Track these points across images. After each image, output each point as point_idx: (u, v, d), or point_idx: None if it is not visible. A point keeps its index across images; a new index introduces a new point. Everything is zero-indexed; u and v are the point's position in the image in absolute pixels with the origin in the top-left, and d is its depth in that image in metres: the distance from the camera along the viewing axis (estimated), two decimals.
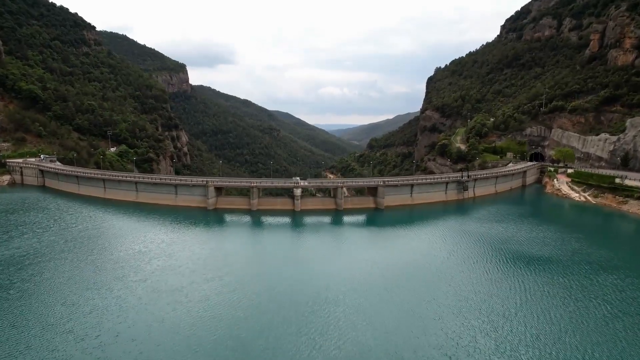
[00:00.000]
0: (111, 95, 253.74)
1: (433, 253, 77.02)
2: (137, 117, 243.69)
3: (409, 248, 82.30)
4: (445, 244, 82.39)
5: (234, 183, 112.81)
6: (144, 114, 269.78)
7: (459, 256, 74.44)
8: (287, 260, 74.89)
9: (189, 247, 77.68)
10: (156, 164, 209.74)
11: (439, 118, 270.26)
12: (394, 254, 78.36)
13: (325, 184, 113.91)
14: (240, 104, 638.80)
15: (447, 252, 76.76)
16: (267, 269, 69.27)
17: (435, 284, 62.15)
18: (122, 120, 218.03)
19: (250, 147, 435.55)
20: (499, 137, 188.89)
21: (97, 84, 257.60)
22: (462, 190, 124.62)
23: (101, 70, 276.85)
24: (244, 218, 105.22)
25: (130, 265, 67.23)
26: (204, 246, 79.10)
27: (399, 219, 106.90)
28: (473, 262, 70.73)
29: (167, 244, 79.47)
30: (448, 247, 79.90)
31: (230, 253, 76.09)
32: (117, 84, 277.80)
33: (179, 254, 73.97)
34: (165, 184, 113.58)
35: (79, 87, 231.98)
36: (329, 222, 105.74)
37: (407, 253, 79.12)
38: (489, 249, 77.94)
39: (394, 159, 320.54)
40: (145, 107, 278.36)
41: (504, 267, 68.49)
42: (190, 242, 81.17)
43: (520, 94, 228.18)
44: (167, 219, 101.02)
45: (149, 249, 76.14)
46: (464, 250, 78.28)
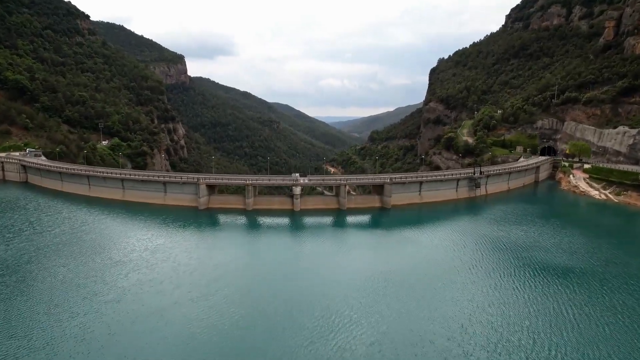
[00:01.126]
0: (105, 87, 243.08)
1: (446, 261, 67.46)
2: (132, 109, 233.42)
3: (419, 255, 72.68)
4: (459, 251, 72.72)
5: (228, 180, 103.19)
6: (139, 105, 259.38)
7: (475, 266, 64.92)
8: (284, 272, 65.54)
9: (174, 257, 68.06)
10: (150, 158, 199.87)
11: (443, 110, 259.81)
12: (403, 262, 68.89)
13: (327, 181, 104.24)
14: (239, 96, 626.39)
15: (462, 260, 67.19)
16: (262, 284, 59.70)
17: (450, 300, 53.27)
18: (115, 112, 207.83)
19: (249, 140, 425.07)
20: (508, 130, 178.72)
21: (90, 74, 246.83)
22: (474, 187, 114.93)
23: (95, 61, 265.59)
24: (238, 219, 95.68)
25: (105, 281, 57.70)
26: (192, 255, 69.46)
27: (406, 220, 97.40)
28: (493, 274, 61.22)
29: (150, 252, 69.91)
30: (463, 255, 70.29)
31: (220, 264, 66.43)
32: (112, 74, 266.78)
33: (162, 265, 64.44)
34: (153, 182, 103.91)
35: (71, 78, 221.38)
36: (331, 223, 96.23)
37: (418, 261, 69.60)
38: (511, 258, 68.31)
39: (396, 152, 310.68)
40: (140, 99, 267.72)
41: (531, 281, 58.89)
42: (176, 250, 71.54)
43: (528, 85, 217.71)
44: (154, 221, 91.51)
45: (129, 259, 66.59)
46: (482, 258, 68.67)
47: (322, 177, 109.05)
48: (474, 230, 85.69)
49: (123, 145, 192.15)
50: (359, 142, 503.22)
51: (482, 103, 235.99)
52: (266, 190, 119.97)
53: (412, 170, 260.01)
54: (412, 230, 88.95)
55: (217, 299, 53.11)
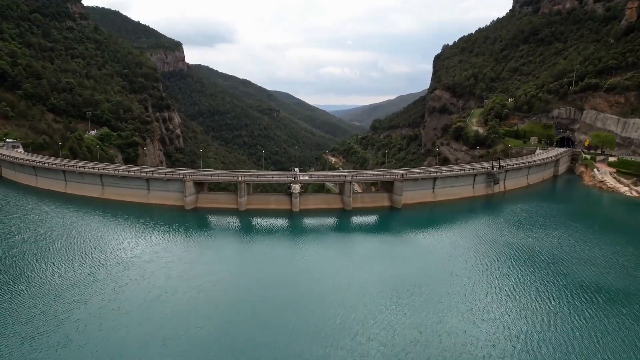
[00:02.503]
0: (96, 73, 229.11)
1: (465, 274, 55.42)
2: (124, 97, 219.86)
3: (434, 265, 60.28)
4: (480, 262, 60.39)
5: (217, 177, 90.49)
6: (132, 93, 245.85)
7: (500, 282, 52.77)
8: (281, 285, 53.89)
9: (150, 274, 55.90)
10: (142, 148, 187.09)
11: (449, 98, 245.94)
12: (415, 272, 57.22)
13: (330, 178, 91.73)
14: (239, 84, 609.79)
15: (484, 274, 55.04)
16: (254, 305, 47.72)
17: (469, 318, 43.59)
18: (105, 100, 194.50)
19: (248, 129, 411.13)
20: (522, 119, 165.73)
21: (80, 60, 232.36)
22: (493, 183, 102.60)
23: (86, 46, 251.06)
24: (230, 221, 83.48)
25: (54, 313, 45.55)
26: (172, 272, 57.17)
27: (419, 222, 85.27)
28: (521, 293, 49.19)
29: (122, 268, 57.73)
30: (485, 267, 58.09)
31: (205, 284, 54.28)
32: (104, 61, 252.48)
33: (133, 286, 52.30)
34: (134, 177, 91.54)
35: (59, 64, 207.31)
36: (334, 225, 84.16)
37: (432, 271, 57.69)
38: (544, 273, 55.91)
39: (399, 141, 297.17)
40: (134, 87, 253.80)
41: (571, 304, 46.94)
42: (154, 265, 59.33)
43: (541, 72, 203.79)
44: (133, 225, 79.33)
45: (94, 279, 54.35)
46: (508, 272, 56.38)
47: (325, 173, 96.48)
48: (495, 236, 73.35)
49: (113, 135, 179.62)
50: (360, 131, 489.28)
51: (490, 91, 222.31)
52: (262, 187, 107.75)
53: (416, 161, 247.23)
54: (426, 234, 76.83)
55: (199, 337, 41.20)
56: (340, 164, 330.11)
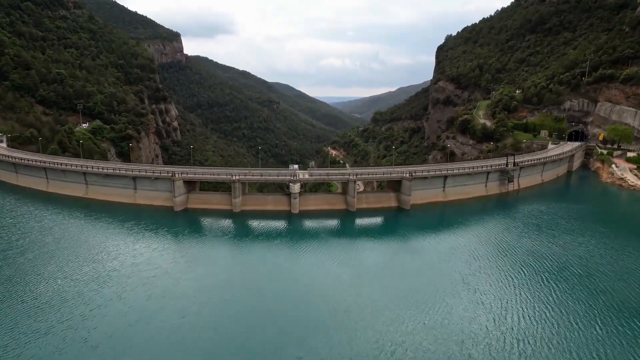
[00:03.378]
0: (90, 64, 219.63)
1: (491, 294, 47.80)
2: (118, 89, 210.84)
3: (452, 280, 52.57)
4: (507, 277, 52.60)
5: (210, 175, 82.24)
6: (127, 85, 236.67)
7: (534, 304, 45.20)
8: (277, 310, 45.91)
9: (129, 292, 48.17)
10: (137, 142, 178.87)
11: (453, 90, 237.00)
12: (432, 289, 49.22)
13: (332, 176, 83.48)
14: (238, 76, 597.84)
15: (515, 293, 47.46)
16: (246, 334, 40.08)
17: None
18: (98, 91, 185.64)
19: (248, 121, 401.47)
20: (531, 112, 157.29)
21: (73, 51, 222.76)
22: (507, 181, 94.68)
23: (80, 36, 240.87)
24: (222, 224, 75.59)
25: (6, 346, 37.98)
26: (154, 289, 49.37)
27: (430, 225, 77.47)
28: (564, 321, 41.57)
29: (97, 285, 49.92)
30: (513, 284, 50.32)
31: (191, 302, 46.67)
32: (98, 51, 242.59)
33: (107, 309, 44.65)
34: (120, 176, 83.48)
35: (51, 54, 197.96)
36: (337, 228, 76.48)
37: (452, 287, 49.74)
38: (588, 297, 48.31)
39: (401, 134, 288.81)
40: (129, 78, 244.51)
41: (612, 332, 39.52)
42: (134, 279, 51.57)
43: (550, 62, 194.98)
44: (117, 229, 71.49)
45: (63, 299, 46.61)
46: (541, 292, 48.82)
47: (327, 171, 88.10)
48: (516, 243, 65.40)
49: (106, 128, 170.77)
50: (360, 123, 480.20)
51: (496, 82, 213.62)
52: (258, 186, 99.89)
53: (419, 154, 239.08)
54: (439, 240, 68.87)
55: None
56: (341, 157, 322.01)
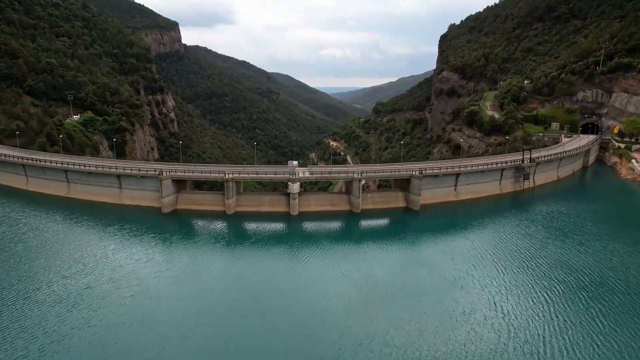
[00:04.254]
0: (83, 53, 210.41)
1: (524, 318, 40.89)
2: (112, 79, 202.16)
3: (475, 298, 45.69)
4: (538, 296, 45.66)
5: (201, 174, 74.38)
6: (122, 75, 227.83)
7: (581, 337, 38.18)
8: (278, 333, 38.90)
9: (100, 319, 40.96)
10: (130, 134, 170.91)
11: (458, 80, 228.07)
12: (455, 309, 42.48)
13: (335, 174, 75.58)
14: (237, 66, 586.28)
15: (552, 319, 40.39)
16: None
17: None
18: (90, 81, 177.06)
19: (247, 112, 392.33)
20: (542, 103, 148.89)
21: (66, 39, 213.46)
22: (522, 179, 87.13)
23: (73, 24, 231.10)
24: (215, 228, 68.31)
25: None
26: (130, 314, 42.21)
27: (442, 228, 69.90)
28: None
29: (66, 306, 42.75)
30: (548, 306, 43.39)
31: (173, 331, 39.52)
32: (92, 40, 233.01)
33: (70, 340, 37.47)
34: (104, 174, 75.88)
35: (41, 43, 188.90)
36: (340, 232, 69.23)
37: (477, 310, 42.93)
38: (621, 309, 41.51)
39: (404, 125, 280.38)
40: (124, 68, 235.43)
41: None
42: (109, 302, 44.26)
43: (559, 51, 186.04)
44: (97, 234, 64.09)
45: (22, 323, 39.61)
46: (583, 317, 41.83)
47: (329, 168, 79.92)
48: (541, 252, 58.04)
49: (98, 120, 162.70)
50: (361, 114, 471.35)
51: (503, 72, 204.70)
52: (254, 184, 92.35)
53: (422, 147, 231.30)
54: (453, 247, 61.43)
55: None
56: (342, 148, 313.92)
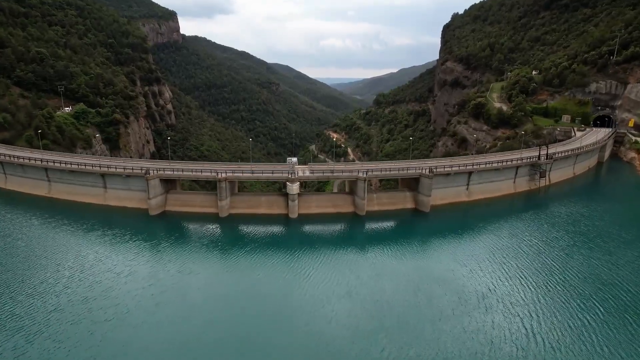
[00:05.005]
0: (76, 43, 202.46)
1: (556, 348, 34.79)
2: (106, 69, 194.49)
3: (501, 317, 39.68)
4: (573, 318, 39.70)
5: (191, 172, 67.68)
6: (118, 65, 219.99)
7: None
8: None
9: (70, 346, 34.84)
10: (125, 127, 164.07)
11: (462, 71, 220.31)
12: (473, 339, 36.29)
13: (338, 173, 68.70)
14: (237, 56, 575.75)
15: (589, 350, 34.34)
16: None
17: None
18: (83, 72, 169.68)
19: (247, 103, 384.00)
20: (552, 95, 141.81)
21: (59, 28, 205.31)
22: (539, 176, 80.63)
23: (66, 13, 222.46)
24: (207, 232, 61.97)
25: None
26: (103, 346, 36.12)
27: (454, 232, 63.30)
28: None
29: (25, 338, 36.57)
30: (580, 328, 37.37)
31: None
32: (86, 29, 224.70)
33: None
34: (87, 173, 69.35)
35: (32, 32, 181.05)
36: (344, 238, 62.74)
37: (499, 336, 36.93)
38: None
39: (406, 117, 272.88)
40: (120, 58, 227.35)
41: None
42: (79, 329, 38.04)
43: (568, 41, 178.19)
44: (77, 240, 57.70)
45: None
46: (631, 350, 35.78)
47: (331, 167, 72.93)
48: (566, 263, 51.80)
49: (91, 112, 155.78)
50: (361, 105, 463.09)
51: (509, 62, 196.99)
52: (249, 183, 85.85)
53: (425, 139, 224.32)
54: (469, 259, 54.92)
55: None
56: (343, 140, 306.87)
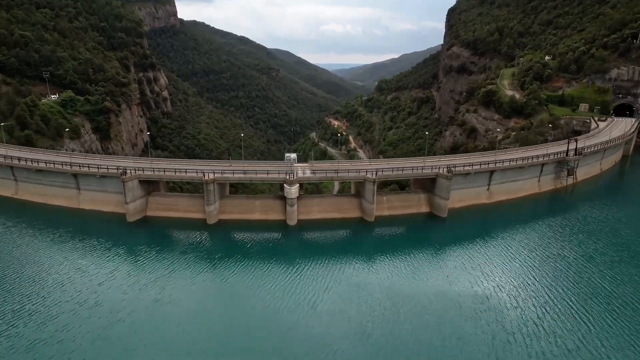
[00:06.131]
0: (66, 27, 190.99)
1: None
2: (96, 55, 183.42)
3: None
4: None
5: (174, 173, 58.01)
6: (111, 50, 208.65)
7: None
8: None
9: None
10: (115, 116, 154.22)
11: (469, 56, 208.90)
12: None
13: (343, 173, 58.77)
14: (236, 41, 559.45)
15: None
16: None
17: None
18: (71, 57, 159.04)
19: (246, 89, 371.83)
20: (568, 82, 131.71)
21: (47, 11, 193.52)
22: (566, 174, 71.40)
23: None
24: (193, 241, 52.99)
25: None
26: None
27: (475, 240, 54.36)
28: None
29: None
30: None
31: None
32: (77, 12, 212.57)
33: None
34: (56, 172, 60.15)
35: (17, 13, 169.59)
36: (350, 248, 53.78)
37: None
38: None
39: (409, 104, 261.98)
40: (113, 43, 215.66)
41: None
42: None
43: (584, 24, 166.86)
44: (39, 253, 48.70)
45: None
46: None
47: (336, 166, 62.85)
48: (614, 286, 43.25)
49: (79, 100, 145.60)
50: (363, 91, 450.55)
51: (519, 47, 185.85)
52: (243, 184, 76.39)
53: (430, 127, 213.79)
54: (494, 271, 46.54)
55: None
56: (344, 128, 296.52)
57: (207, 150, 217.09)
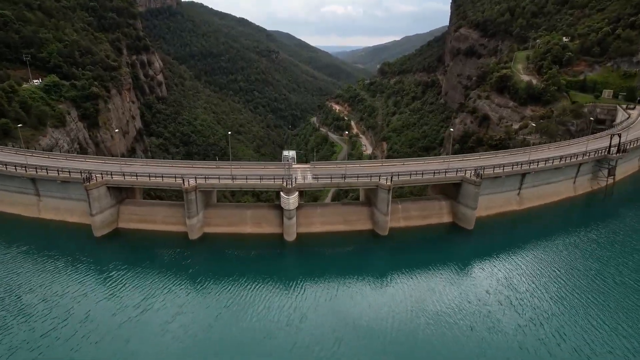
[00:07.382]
0: (52, 5, 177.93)
1: None
2: (85, 37, 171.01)
3: None
4: None
5: (149, 178, 47.59)
6: (101, 32, 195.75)
7: None
8: None
9: None
10: (104, 102, 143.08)
11: (478, 38, 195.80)
12: None
13: (351, 179, 47.68)
14: (235, 23, 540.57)
15: None
16: None
17: None
18: (55, 39, 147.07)
19: (245, 73, 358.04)
20: (590, 65, 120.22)
21: None
22: (606, 174, 61.28)
23: None
24: (171, 260, 43.39)
25: None
26: None
27: (507, 258, 45.04)
28: None
29: None
30: None
31: None
32: None
33: None
34: (12, 176, 50.09)
35: None
36: (360, 270, 43.97)
37: None
38: None
39: (413, 88, 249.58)
40: (103, 24, 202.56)
41: None
42: None
43: (603, 2, 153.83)
44: None
45: None
46: None
47: (342, 171, 51.70)
48: None
49: (65, 85, 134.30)
50: (364, 74, 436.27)
51: (532, 29, 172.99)
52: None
53: (435, 112, 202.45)
54: (530, 299, 37.21)
55: None
56: (346, 112, 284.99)
57: (203, 137, 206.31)
